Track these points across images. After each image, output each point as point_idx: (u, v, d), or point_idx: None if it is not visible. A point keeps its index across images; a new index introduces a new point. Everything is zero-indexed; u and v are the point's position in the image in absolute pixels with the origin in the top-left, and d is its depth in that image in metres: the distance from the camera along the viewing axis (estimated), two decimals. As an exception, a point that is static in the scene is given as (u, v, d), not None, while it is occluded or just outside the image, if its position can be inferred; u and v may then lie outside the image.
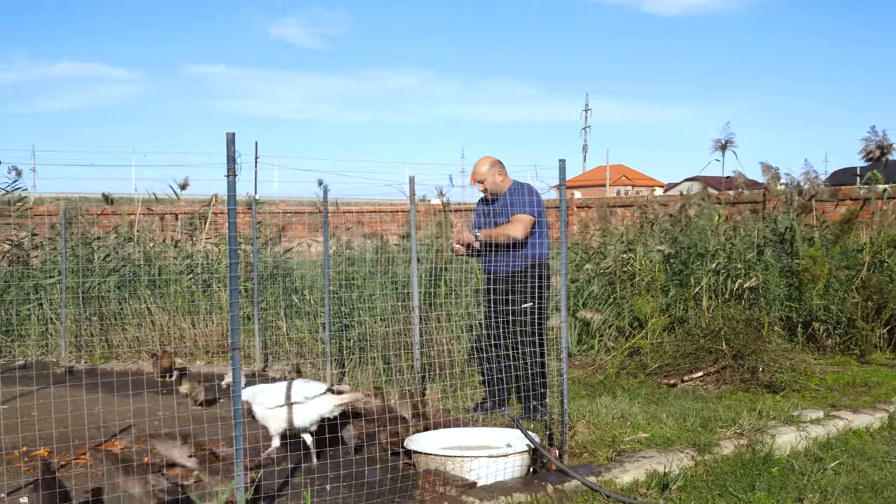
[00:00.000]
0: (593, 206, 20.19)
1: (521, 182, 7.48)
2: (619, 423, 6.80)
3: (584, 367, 9.44)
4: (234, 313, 4.58)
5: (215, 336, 10.96)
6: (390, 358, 8.68)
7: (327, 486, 5.53)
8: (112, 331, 11.32)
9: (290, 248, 13.74)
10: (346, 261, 11.06)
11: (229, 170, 4.51)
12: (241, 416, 4.58)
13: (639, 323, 10.09)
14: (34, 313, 11.89)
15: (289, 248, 13.75)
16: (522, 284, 7.19)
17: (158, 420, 7.63)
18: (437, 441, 6.08)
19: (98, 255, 12.43)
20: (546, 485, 5.42)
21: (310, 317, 10.50)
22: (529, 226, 7.24)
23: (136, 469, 5.01)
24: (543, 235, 7.40)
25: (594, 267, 11.22)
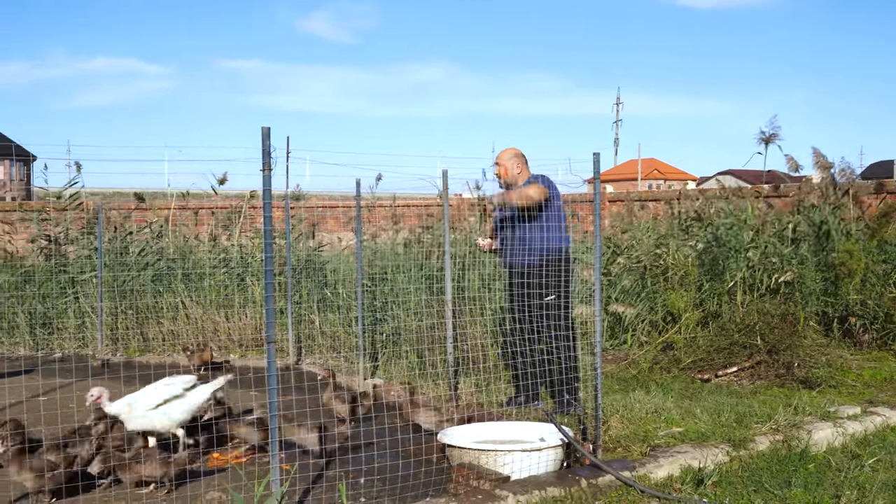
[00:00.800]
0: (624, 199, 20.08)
1: (539, 174, 7.45)
2: (653, 418, 6.77)
3: (617, 362, 9.40)
4: (269, 307, 4.62)
5: (249, 330, 11.04)
6: (423, 352, 8.69)
7: (361, 479, 5.56)
8: (147, 324, 11.43)
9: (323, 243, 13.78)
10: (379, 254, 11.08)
11: (265, 164, 4.54)
12: (276, 410, 4.62)
13: (672, 317, 10.03)
14: (71, 307, 12.06)
15: (322, 242, 13.80)
16: (545, 277, 7.16)
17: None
18: (470, 435, 6.09)
19: (133, 249, 12.55)
20: (580, 479, 5.41)
21: (342, 311, 10.55)
22: (543, 193, 7.15)
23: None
24: (562, 229, 7.33)
25: (626, 261, 11.16)
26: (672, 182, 76.18)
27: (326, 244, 13.74)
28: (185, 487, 5.48)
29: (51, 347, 11.69)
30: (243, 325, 11.10)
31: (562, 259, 7.25)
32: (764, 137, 12.27)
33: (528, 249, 7.21)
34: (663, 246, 10.93)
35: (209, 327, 11.13)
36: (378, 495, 5.29)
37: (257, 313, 11.16)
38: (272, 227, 4.65)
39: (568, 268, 7.29)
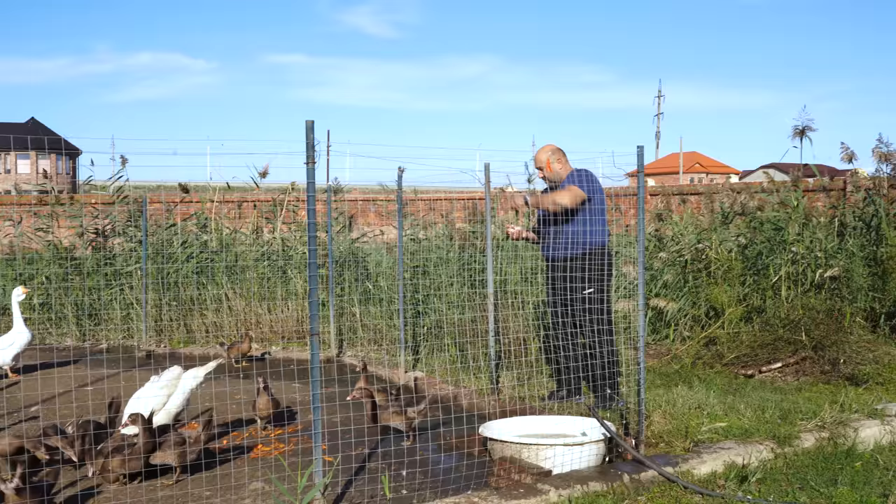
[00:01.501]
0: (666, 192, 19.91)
1: (581, 168, 7.40)
2: (696, 414, 6.70)
3: (659, 357, 9.34)
4: (312, 299, 4.65)
5: (290, 322, 11.13)
6: (464, 345, 8.70)
7: (403, 471, 5.58)
8: (190, 316, 11.57)
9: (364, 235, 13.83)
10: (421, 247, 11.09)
11: (308, 157, 4.56)
12: (319, 402, 4.64)
13: (715, 312, 9.92)
14: (116, 298, 12.24)
15: (363, 235, 13.86)
16: (582, 271, 7.12)
17: (237, 404, 7.80)
18: (511, 429, 6.08)
19: (176, 241, 12.70)
20: (622, 474, 5.38)
21: (384, 303, 10.59)
22: (578, 197, 7.10)
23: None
24: (602, 222, 7.27)
25: (668, 255, 11.06)
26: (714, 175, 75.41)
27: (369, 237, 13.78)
28: (230, 477, 5.55)
29: (97, 338, 11.88)
30: (285, 317, 11.19)
31: (602, 253, 7.20)
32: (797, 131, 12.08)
33: (568, 243, 7.18)
34: (706, 240, 10.81)
35: (251, 319, 11.24)
36: (420, 487, 5.31)
37: (299, 305, 11.24)
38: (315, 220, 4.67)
39: (608, 262, 7.24)
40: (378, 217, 16.38)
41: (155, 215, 13.59)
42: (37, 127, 72.25)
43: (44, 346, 11.30)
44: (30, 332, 9.40)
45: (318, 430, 4.65)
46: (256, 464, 5.92)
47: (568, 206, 7.09)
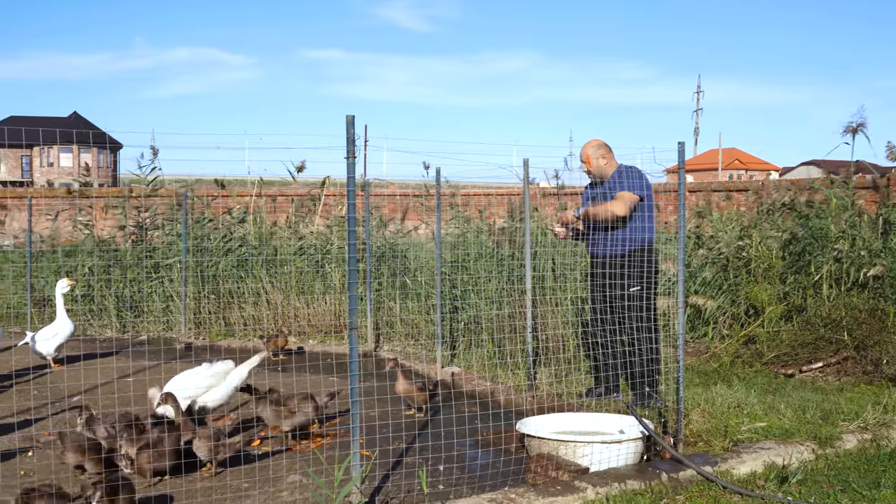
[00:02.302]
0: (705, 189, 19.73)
1: (628, 165, 7.34)
2: (735, 413, 6.63)
3: (697, 355, 9.25)
4: (351, 293, 4.66)
5: (328, 316, 11.18)
6: (501, 341, 8.68)
7: (440, 466, 5.58)
8: (229, 309, 11.67)
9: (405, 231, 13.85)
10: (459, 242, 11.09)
11: (349, 152, 4.57)
12: (357, 395, 4.66)
13: (754, 311, 9.81)
14: (156, 291, 12.38)
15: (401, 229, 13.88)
16: (629, 268, 7.07)
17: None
18: (548, 425, 6.06)
19: (215, 235, 12.81)
20: (660, 473, 5.34)
21: (421, 298, 10.60)
22: (632, 203, 7.07)
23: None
24: (649, 219, 7.21)
25: (707, 252, 10.96)
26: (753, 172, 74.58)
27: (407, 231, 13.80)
28: (268, 469, 5.59)
29: (137, 330, 12.03)
30: (322, 310, 11.25)
31: (647, 250, 7.15)
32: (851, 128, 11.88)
33: (613, 240, 7.14)
34: (746, 237, 10.69)
35: (289, 313, 11.31)
36: (457, 483, 5.31)
37: (336, 300, 11.30)
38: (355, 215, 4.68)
39: (653, 259, 7.19)
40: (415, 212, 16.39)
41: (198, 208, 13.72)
42: (78, 121, 73.25)
43: (85, 337, 11.46)
44: (72, 323, 9.54)
45: (357, 424, 4.66)
46: (294, 457, 5.96)
47: (622, 216, 7.05)
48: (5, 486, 5.38)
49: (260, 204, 13.92)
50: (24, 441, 6.31)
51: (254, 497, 5.14)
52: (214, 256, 12.25)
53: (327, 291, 11.43)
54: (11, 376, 8.74)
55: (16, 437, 6.35)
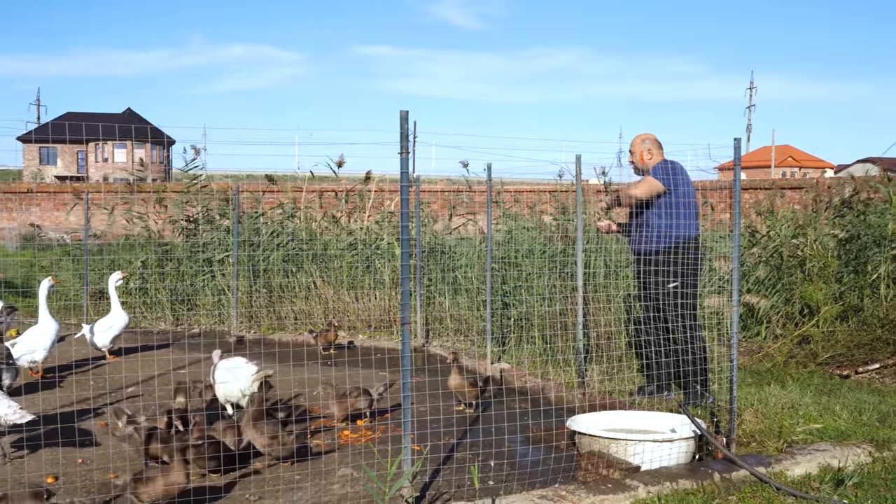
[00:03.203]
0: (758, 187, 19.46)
1: (668, 160, 7.27)
2: (789, 414, 6.54)
3: (750, 354, 9.14)
4: (404, 288, 4.68)
5: (377, 311, 11.24)
6: (551, 338, 8.66)
7: (491, 462, 5.59)
8: (280, 303, 11.79)
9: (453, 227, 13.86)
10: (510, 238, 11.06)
11: (402, 147, 4.58)
12: (409, 390, 4.68)
13: (809, 310, 9.66)
14: (207, 285, 12.55)
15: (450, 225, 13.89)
16: (669, 265, 7.00)
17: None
18: (599, 423, 6.03)
19: (266, 230, 12.94)
20: (712, 473, 5.29)
21: (470, 294, 10.60)
22: (652, 189, 7.00)
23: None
24: (690, 216, 7.12)
25: (761, 251, 10.81)
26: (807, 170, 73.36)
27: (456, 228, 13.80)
28: (320, 462, 5.64)
29: (189, 323, 12.20)
30: (372, 305, 11.31)
31: (691, 247, 7.06)
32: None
33: (655, 236, 7.08)
34: (801, 236, 10.52)
35: (339, 307, 11.39)
36: (507, 479, 5.31)
37: (385, 295, 11.35)
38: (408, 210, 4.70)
39: (696, 256, 7.10)
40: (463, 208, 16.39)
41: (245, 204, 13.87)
42: (133, 117, 74.45)
43: (139, 330, 11.67)
44: (127, 315, 9.70)
45: (408, 419, 4.68)
46: (345, 450, 6.01)
47: (639, 198, 7.01)
48: (65, 474, 5.50)
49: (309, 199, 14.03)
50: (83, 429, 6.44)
51: (305, 489, 5.19)
52: (265, 251, 12.37)
53: (377, 287, 11.49)
54: (71, 367, 8.93)
55: (75, 426, 6.48)
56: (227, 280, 12.28)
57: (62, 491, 5.18)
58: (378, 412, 7.02)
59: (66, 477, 5.43)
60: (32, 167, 72.15)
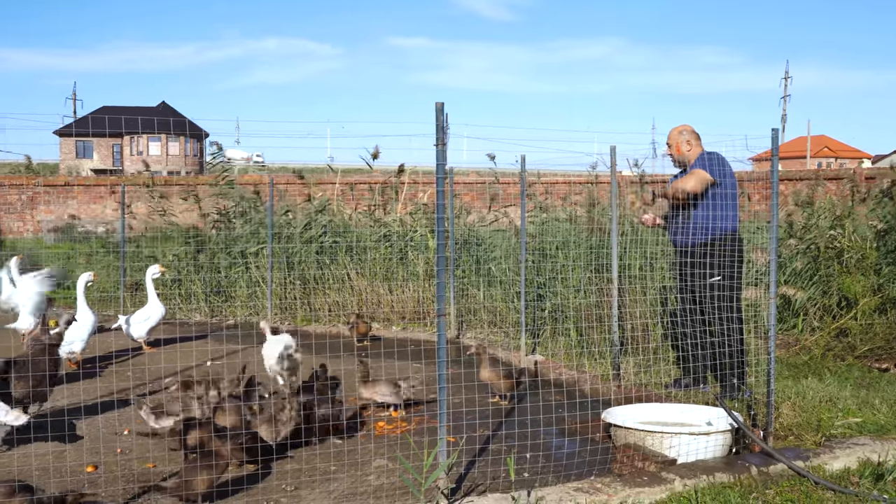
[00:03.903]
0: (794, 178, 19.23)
1: (711, 151, 7.20)
2: (827, 407, 6.47)
3: (787, 347, 9.04)
4: (440, 280, 4.68)
5: (411, 303, 11.26)
6: (585, 330, 8.63)
7: (527, 454, 5.59)
8: (314, 295, 11.85)
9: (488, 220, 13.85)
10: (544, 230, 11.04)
11: (438, 139, 4.58)
12: (445, 382, 4.68)
13: (846, 302, 9.53)
14: (242, 277, 12.64)
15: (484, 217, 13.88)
16: (710, 257, 6.94)
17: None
18: (634, 415, 6.01)
19: (299, 222, 13.01)
20: (749, 466, 5.24)
21: (504, 286, 10.59)
22: (703, 181, 6.93)
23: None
24: (732, 208, 7.05)
25: (798, 242, 10.69)
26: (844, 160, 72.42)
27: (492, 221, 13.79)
28: (355, 453, 5.67)
29: (224, 315, 12.31)
30: (405, 297, 11.33)
31: (731, 239, 7.00)
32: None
33: (697, 229, 7.01)
34: (839, 227, 10.39)
35: (373, 299, 11.43)
36: (542, 471, 5.31)
37: (419, 287, 11.37)
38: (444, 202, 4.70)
39: (737, 248, 7.03)
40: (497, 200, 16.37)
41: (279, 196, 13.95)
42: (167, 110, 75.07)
43: (174, 322, 11.79)
44: (163, 307, 9.81)
45: (444, 411, 4.68)
46: (379, 441, 6.03)
47: (691, 192, 6.94)
48: (105, 463, 5.58)
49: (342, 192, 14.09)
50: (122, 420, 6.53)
51: (341, 480, 5.22)
52: (298, 243, 12.44)
53: (410, 278, 11.51)
54: (111, 357, 9.04)
55: (115, 415, 6.57)
56: (262, 272, 12.36)
57: (102, 480, 5.25)
58: (414, 403, 7.04)
59: (105, 466, 5.51)
60: (69, 160, 73.04)
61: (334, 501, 4.86)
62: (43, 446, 5.93)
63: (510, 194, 16.75)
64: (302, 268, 12.15)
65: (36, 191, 30.94)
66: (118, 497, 4.94)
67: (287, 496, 4.96)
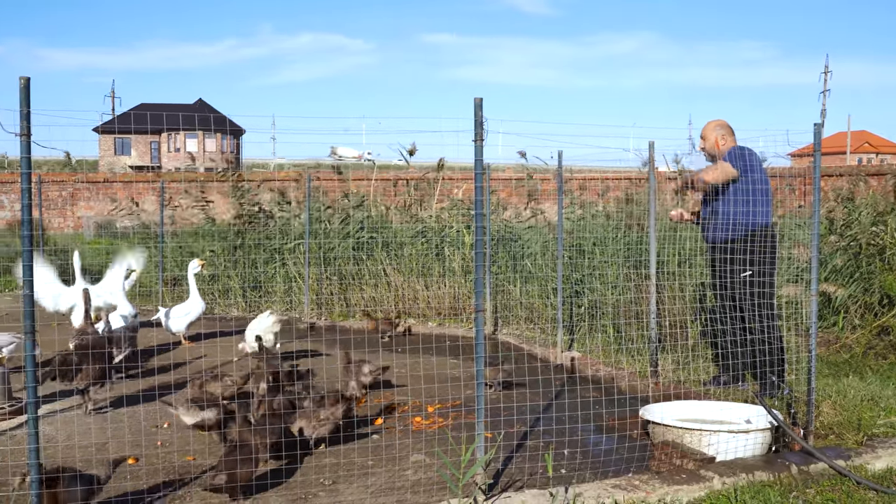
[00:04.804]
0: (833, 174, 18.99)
1: (741, 146, 7.13)
2: (869, 407, 6.38)
3: (826, 345, 8.94)
4: (478, 276, 4.69)
5: (447, 299, 11.28)
6: (622, 326, 8.59)
7: (564, 450, 5.58)
8: (350, 290, 11.91)
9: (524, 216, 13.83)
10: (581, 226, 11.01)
11: (476, 135, 4.58)
12: (483, 377, 4.69)
13: (889, 300, 9.40)
14: (279, 272, 12.73)
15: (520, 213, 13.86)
16: (741, 253, 6.87)
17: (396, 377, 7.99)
18: (672, 413, 5.98)
19: (336, 218, 13.07)
20: (790, 465, 5.19)
21: (540, 282, 10.57)
22: (725, 174, 6.85)
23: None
24: (764, 203, 6.97)
25: (839, 239, 10.55)
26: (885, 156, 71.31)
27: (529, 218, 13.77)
28: (392, 448, 5.70)
29: (261, 310, 12.39)
30: (441, 293, 11.35)
31: (764, 235, 6.92)
32: None
33: (729, 224, 6.95)
34: (881, 223, 10.24)
35: (409, 295, 11.46)
36: (580, 467, 5.30)
37: (455, 283, 11.38)
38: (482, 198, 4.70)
39: (771, 244, 6.95)
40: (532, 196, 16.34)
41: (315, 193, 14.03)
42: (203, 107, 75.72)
43: (216, 316, 11.90)
44: (203, 302, 9.90)
45: (482, 406, 4.69)
46: (416, 436, 6.05)
47: (711, 183, 6.88)
48: (146, 456, 5.65)
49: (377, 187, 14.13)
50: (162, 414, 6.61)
51: (379, 475, 5.25)
52: (335, 239, 12.50)
53: (446, 274, 11.53)
54: (153, 352, 9.14)
55: (156, 408, 6.65)
56: (299, 268, 12.44)
57: (143, 472, 5.32)
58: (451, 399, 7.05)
59: (146, 459, 5.58)
60: (108, 157, 73.97)
61: (372, 496, 4.89)
62: (86, 438, 6.03)
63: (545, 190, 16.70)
64: (338, 263, 12.21)
65: (76, 187, 31.40)
66: (160, 489, 5.01)
67: (325, 490, 5.00)
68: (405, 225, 12.71)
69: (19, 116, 3.82)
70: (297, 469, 5.35)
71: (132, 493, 4.89)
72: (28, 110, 3.83)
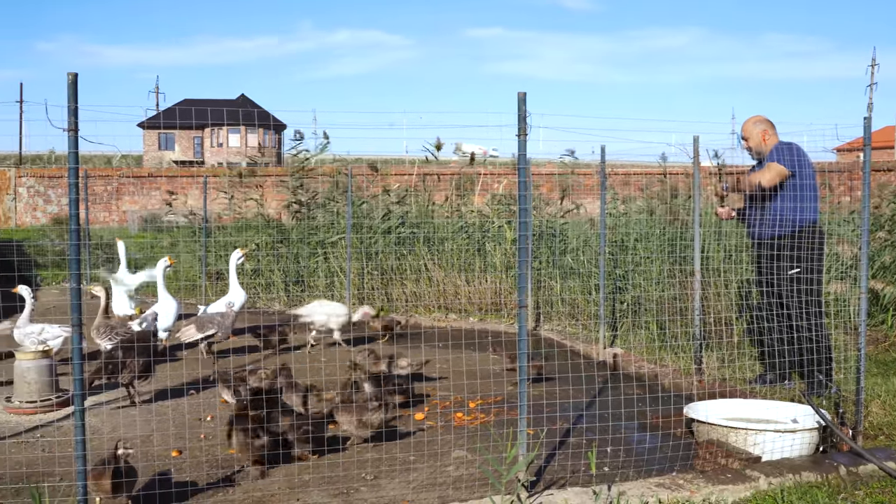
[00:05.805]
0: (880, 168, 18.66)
1: (787, 142, 7.00)
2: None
3: (875, 343, 8.77)
4: (521, 271, 4.66)
5: (488, 294, 11.25)
6: (665, 323, 8.50)
7: (608, 448, 5.53)
8: (392, 285, 11.92)
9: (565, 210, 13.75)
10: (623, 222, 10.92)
11: (520, 129, 4.55)
12: (525, 374, 4.66)
13: (940, 298, 9.21)
14: (321, 267, 12.79)
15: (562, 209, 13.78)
16: (788, 250, 6.75)
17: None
18: (717, 411, 5.90)
19: (377, 213, 13.09)
20: (838, 466, 5.10)
21: (582, 278, 10.50)
22: (778, 175, 6.72)
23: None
24: (811, 199, 6.84)
25: (887, 235, 10.36)
26: (934, 151, 69.84)
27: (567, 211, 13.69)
28: (435, 444, 5.69)
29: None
30: (483, 288, 11.33)
31: (811, 232, 6.79)
32: None
33: (776, 221, 6.83)
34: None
35: (450, 290, 11.45)
36: (623, 465, 5.25)
37: (496, 278, 11.35)
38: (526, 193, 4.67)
39: (818, 241, 6.82)
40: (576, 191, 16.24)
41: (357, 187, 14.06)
42: (246, 102, 76.32)
43: (259, 310, 11.99)
44: (244, 294, 9.93)
45: (524, 402, 4.66)
46: (458, 432, 6.04)
47: (766, 187, 6.76)
48: (189, 449, 5.71)
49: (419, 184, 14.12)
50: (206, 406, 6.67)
51: (420, 470, 5.24)
52: (376, 234, 12.53)
53: (487, 269, 11.50)
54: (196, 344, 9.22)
55: (200, 401, 6.72)
56: (340, 262, 12.48)
57: (187, 465, 5.37)
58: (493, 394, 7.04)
59: (189, 452, 5.63)
60: (152, 152, 74.91)
61: (413, 491, 4.88)
62: (131, 430, 6.10)
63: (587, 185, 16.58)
64: (380, 258, 12.24)
65: (121, 182, 31.85)
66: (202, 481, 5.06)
67: (367, 485, 5.01)
68: (446, 220, 12.70)
69: (67, 112, 3.86)
70: (339, 464, 5.37)
71: (176, 484, 4.93)
72: (76, 106, 3.86)
